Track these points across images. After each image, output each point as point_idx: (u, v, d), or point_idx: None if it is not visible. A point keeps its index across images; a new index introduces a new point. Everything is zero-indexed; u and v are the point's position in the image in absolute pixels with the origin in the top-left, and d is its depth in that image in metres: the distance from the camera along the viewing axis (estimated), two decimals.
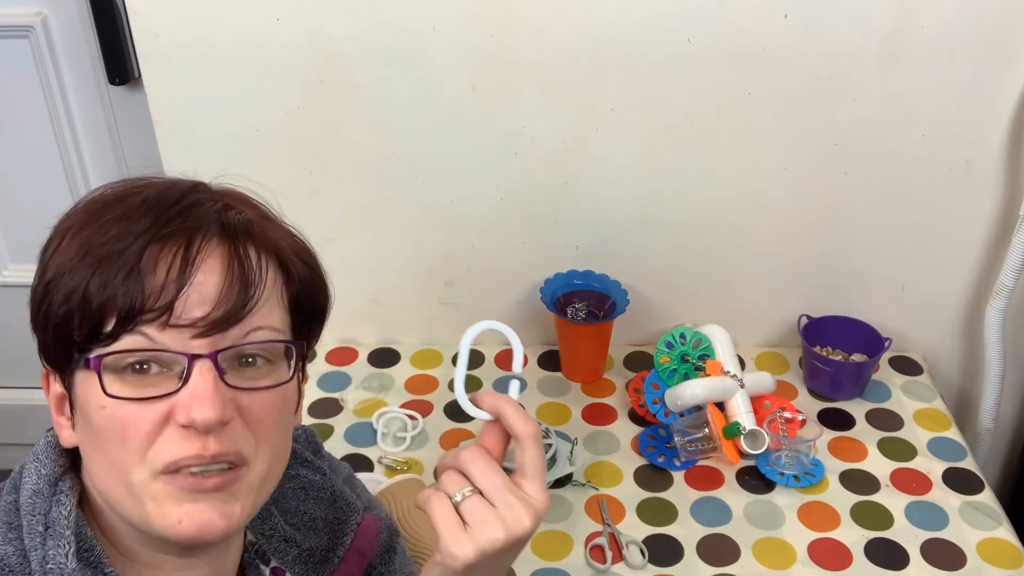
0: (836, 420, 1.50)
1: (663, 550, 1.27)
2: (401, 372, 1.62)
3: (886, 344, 1.52)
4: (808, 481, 1.37)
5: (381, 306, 1.65)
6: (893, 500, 1.35)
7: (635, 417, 1.51)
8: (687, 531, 1.30)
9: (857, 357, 1.56)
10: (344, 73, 1.42)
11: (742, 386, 1.42)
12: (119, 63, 1.68)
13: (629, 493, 1.37)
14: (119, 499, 0.67)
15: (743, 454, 1.40)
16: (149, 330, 0.64)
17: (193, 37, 1.40)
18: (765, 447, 1.38)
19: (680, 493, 1.37)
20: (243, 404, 0.66)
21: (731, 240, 1.56)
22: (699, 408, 1.41)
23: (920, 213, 1.51)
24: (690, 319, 1.56)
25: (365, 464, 1.42)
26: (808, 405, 1.53)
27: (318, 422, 1.51)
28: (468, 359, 0.78)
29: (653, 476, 1.40)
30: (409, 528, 1.18)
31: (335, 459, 0.94)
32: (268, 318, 0.68)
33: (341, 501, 0.88)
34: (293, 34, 1.39)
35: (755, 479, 1.39)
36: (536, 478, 0.74)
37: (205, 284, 0.65)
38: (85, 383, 0.66)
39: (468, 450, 0.75)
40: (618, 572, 1.25)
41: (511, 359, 0.79)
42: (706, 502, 1.35)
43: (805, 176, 1.49)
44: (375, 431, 1.48)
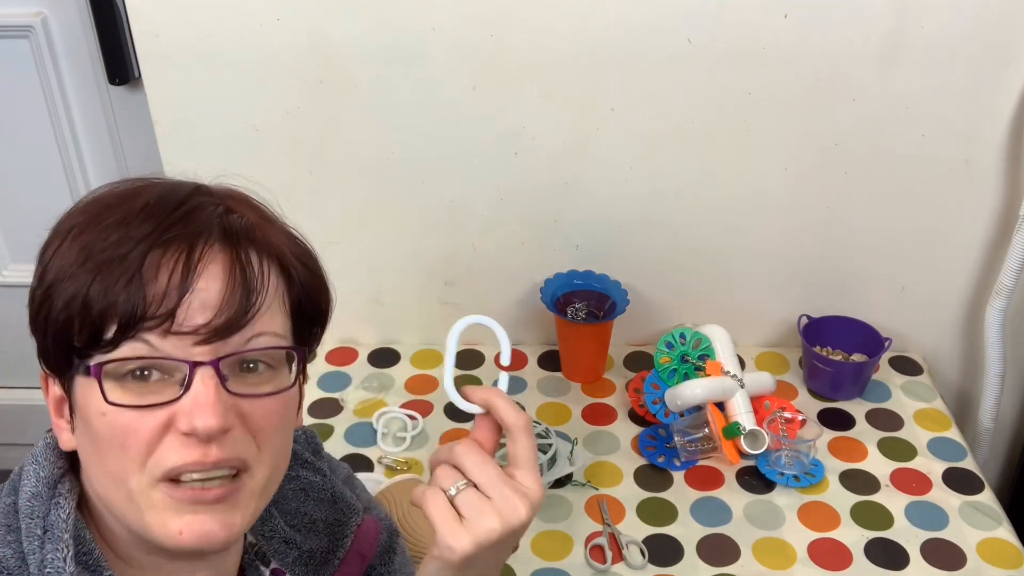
0: (836, 420, 1.50)
1: (663, 550, 1.27)
2: (401, 372, 1.62)
3: (886, 344, 1.52)
4: (808, 481, 1.37)
5: (381, 306, 1.65)
6: (893, 500, 1.35)
7: (635, 417, 1.51)
8: (687, 531, 1.30)
9: (857, 357, 1.56)
10: (344, 73, 1.42)
11: (742, 386, 1.42)
12: (119, 63, 1.68)
13: (629, 493, 1.37)
14: (118, 505, 0.67)
15: (743, 454, 1.40)
16: (150, 337, 0.63)
17: (193, 37, 1.40)
18: (765, 447, 1.38)
19: (680, 493, 1.37)
20: (245, 411, 0.66)
21: (731, 240, 1.56)
22: (699, 408, 1.41)
23: (920, 213, 1.51)
24: (690, 319, 1.56)
25: (365, 464, 1.42)
26: (808, 405, 1.53)
27: (318, 422, 1.51)
28: (456, 354, 0.78)
29: (653, 476, 1.40)
30: (409, 528, 1.18)
31: (335, 460, 0.94)
32: (270, 324, 0.67)
33: (341, 502, 0.88)
34: (293, 34, 1.39)
35: (755, 479, 1.39)
36: (529, 468, 0.74)
37: (207, 290, 0.64)
38: (85, 389, 0.65)
39: (461, 444, 0.75)
40: (618, 572, 1.25)
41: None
42: (706, 502, 1.35)
43: (805, 176, 1.49)
44: (375, 431, 1.48)
